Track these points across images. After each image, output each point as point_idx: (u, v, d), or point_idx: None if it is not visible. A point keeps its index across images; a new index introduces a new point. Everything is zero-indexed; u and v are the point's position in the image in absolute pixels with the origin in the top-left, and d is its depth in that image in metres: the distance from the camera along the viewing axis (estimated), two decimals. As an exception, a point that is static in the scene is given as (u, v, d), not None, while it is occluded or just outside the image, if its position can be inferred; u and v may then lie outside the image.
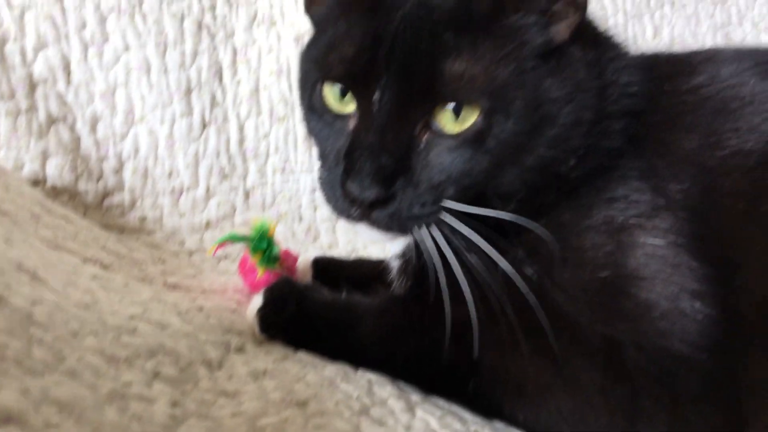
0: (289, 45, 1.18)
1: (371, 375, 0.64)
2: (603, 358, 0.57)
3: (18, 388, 0.39)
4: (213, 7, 1.14)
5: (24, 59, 0.98)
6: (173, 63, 1.09)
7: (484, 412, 0.62)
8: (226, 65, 1.15)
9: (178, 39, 1.10)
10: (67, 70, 1.02)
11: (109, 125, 1.04)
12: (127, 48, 1.06)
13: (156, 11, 1.09)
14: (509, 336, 0.58)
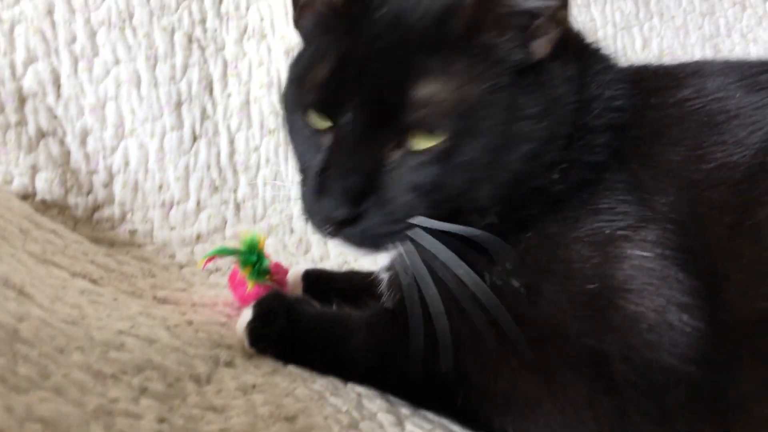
0: (280, 58, 1.19)
1: (360, 389, 0.64)
2: (591, 370, 0.57)
3: (2, 405, 0.39)
4: (203, 21, 1.14)
5: (14, 73, 0.98)
6: (163, 76, 1.09)
7: (473, 425, 0.62)
8: (216, 78, 1.15)
9: (168, 52, 1.10)
10: (57, 83, 1.02)
11: (99, 139, 1.04)
12: (118, 61, 1.06)
13: (146, 25, 1.09)
14: (497, 349, 0.58)
